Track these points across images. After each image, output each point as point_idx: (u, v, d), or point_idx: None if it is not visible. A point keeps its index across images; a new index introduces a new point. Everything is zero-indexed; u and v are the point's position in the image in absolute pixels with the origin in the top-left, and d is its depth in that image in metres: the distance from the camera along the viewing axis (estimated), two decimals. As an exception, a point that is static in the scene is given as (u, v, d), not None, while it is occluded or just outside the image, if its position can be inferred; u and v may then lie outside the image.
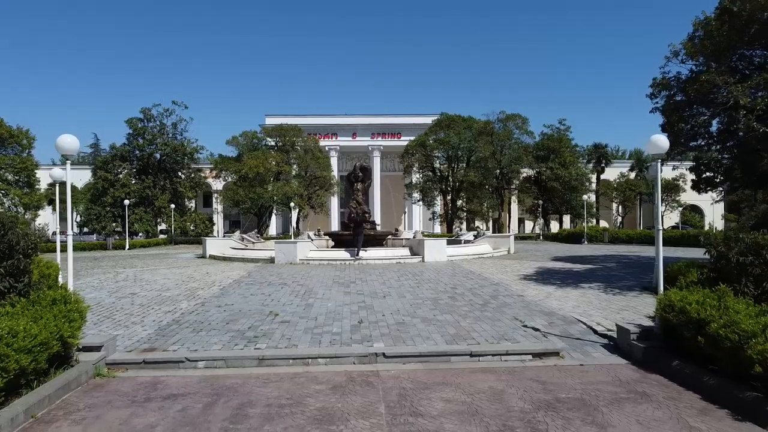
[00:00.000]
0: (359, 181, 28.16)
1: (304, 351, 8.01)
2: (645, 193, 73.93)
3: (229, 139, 51.58)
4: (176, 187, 49.37)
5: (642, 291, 13.56)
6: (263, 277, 17.03)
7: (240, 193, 47.19)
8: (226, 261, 23.87)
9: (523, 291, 13.61)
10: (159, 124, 49.39)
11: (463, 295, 13.03)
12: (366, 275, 17.37)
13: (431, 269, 19.08)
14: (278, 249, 22.07)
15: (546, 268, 19.21)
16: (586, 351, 8.22)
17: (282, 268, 19.92)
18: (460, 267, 19.79)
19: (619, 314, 10.55)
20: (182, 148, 49.50)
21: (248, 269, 19.81)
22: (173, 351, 8.06)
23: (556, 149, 49.39)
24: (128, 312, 11.30)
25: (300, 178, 53.13)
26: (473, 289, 13.90)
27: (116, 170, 47.79)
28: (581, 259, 23.38)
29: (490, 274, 17.30)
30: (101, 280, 17.15)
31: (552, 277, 16.63)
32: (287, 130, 51.92)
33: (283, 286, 14.92)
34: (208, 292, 13.99)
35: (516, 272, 17.91)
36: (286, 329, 9.44)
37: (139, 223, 46.34)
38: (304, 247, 22.63)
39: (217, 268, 20.31)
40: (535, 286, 14.65)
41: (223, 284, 15.49)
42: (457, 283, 15.09)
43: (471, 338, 8.71)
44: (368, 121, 70.13)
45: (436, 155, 53.21)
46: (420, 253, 22.45)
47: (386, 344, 8.36)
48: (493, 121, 50.04)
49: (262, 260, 22.67)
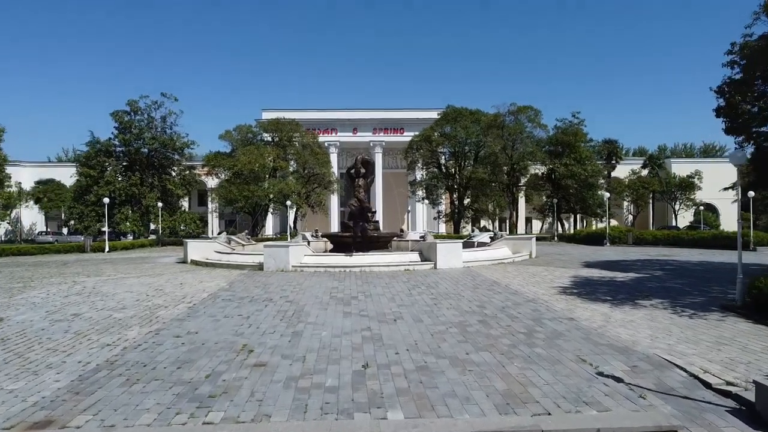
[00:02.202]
0: (361, 176, 25.27)
1: (280, 428, 5.13)
2: (658, 192, 71.01)
3: (222, 134, 48.62)
4: (165, 184, 46.34)
5: (723, 312, 10.68)
6: (246, 290, 14.17)
7: (233, 190, 44.27)
8: (209, 267, 21.01)
9: (570, 312, 10.73)
10: (147, 118, 46.42)
11: (496, 317, 10.16)
12: (370, 287, 14.51)
13: (447, 279, 16.21)
14: (268, 254, 19.19)
15: (583, 278, 16.32)
16: (713, 426, 5.32)
17: (271, 277, 17.05)
18: (481, 276, 16.92)
19: (720, 351, 7.69)
20: (171, 143, 46.39)
21: (231, 278, 16.94)
22: (74, 431, 5.17)
23: (571, 144, 46.36)
24: (52, 346, 8.42)
25: (297, 175, 50.21)
26: (506, 309, 11.03)
27: (101, 166, 44.81)
28: (617, 265, 20.47)
29: (519, 286, 14.42)
30: (50, 293, 14.25)
31: (597, 290, 13.74)
32: (284, 124, 48.94)
33: (268, 303, 12.06)
34: (172, 312, 11.12)
35: (549, 283, 15.03)
36: (259, 379, 6.58)
37: (125, 223, 43.37)
38: (297, 251, 19.74)
39: (195, 278, 17.44)
40: (582, 303, 11.77)
41: (194, 300, 12.63)
42: (484, 299, 12.22)
43: (531, 399, 5.85)
44: (370, 115, 67.13)
45: (442, 151, 50.28)
46: (431, 258, 19.57)
47: (407, 412, 5.50)
48: (504, 114, 47.03)
49: (250, 267, 19.80)
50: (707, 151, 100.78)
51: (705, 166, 73.42)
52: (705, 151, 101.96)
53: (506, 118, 46.66)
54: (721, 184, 74.88)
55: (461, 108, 48.58)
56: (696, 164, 74.69)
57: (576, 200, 47.73)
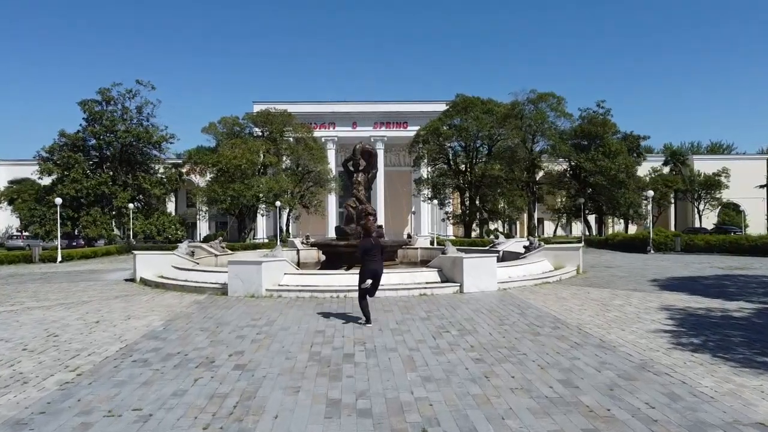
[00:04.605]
0: (360, 170, 20.31)
1: None
2: (681, 191, 66.04)
3: (206, 127, 43.46)
4: (141, 183, 41.28)
5: None
6: (184, 338, 9.16)
7: (216, 189, 39.24)
8: (159, 289, 16.00)
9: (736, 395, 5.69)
10: (121, 108, 41.41)
11: (613, 420, 5.10)
12: (373, 330, 9.53)
13: (484, 312, 11.21)
14: (233, 274, 14.18)
15: (680, 311, 11.22)
16: None
17: (232, 309, 12.04)
18: (530, 306, 11.91)
19: None
20: (147, 136, 41.33)
21: (175, 311, 11.93)
22: None
23: (600, 135, 41.23)
24: None
25: (291, 172, 45.15)
26: (616, 388, 5.95)
27: (66, 162, 39.75)
28: (703, 286, 15.29)
29: (599, 329, 9.37)
30: None
31: (729, 340, 8.57)
32: (275, 116, 43.86)
33: (204, 372, 7.05)
34: (29, 394, 6.10)
35: (639, 323, 9.96)
36: None
37: (92, 227, 38.33)
38: (274, 269, 14.68)
39: (126, 309, 12.42)
40: (737, 374, 6.68)
41: (89, 362, 7.60)
42: (562, 362, 7.16)
43: None
44: (370, 108, 62.03)
45: (451, 145, 45.22)
46: (455, 278, 14.58)
47: None
48: (522, 102, 41.92)
49: (212, 290, 14.80)
50: (714, 150, 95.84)
51: (729, 163, 68.69)
52: (712, 150, 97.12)
53: (525, 107, 41.59)
54: (746, 183, 69.96)
55: (472, 97, 43.43)
56: (721, 161, 69.86)
57: (605, 200, 42.52)
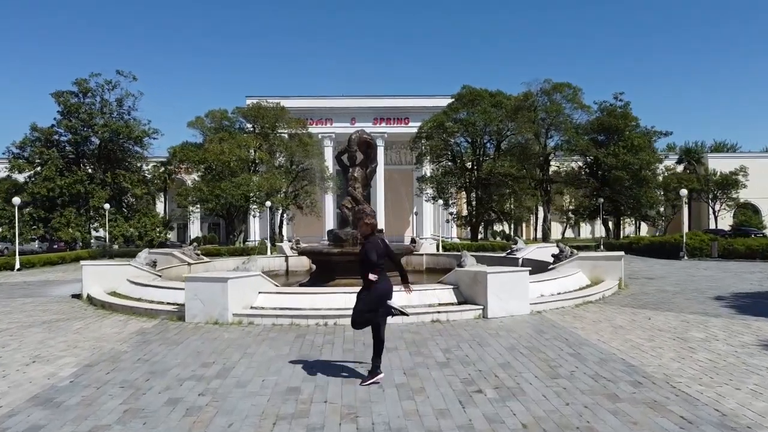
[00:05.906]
0: (357, 164, 17.20)
1: None
2: (696, 190, 62.87)
3: (192, 121, 40.30)
4: (120, 182, 38.12)
5: None
6: (91, 403, 5.96)
7: (202, 188, 36.15)
8: (103, 310, 12.86)
9: None
10: (100, 101, 38.31)
11: None
12: (369, 392, 6.39)
13: (524, 353, 8.07)
14: (191, 292, 11.03)
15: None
16: None
17: (180, 347, 8.89)
18: (582, 342, 8.77)
19: None
20: (127, 131, 38.14)
21: (103, 350, 8.78)
22: None
23: (620, 129, 38.10)
24: None
25: (284, 170, 42.04)
26: None
27: (38, 159, 36.63)
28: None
29: (698, 386, 6.16)
30: None
31: None
32: (266, 110, 40.72)
33: None
34: None
35: (752, 371, 6.82)
36: None
37: (65, 230, 35.22)
38: (244, 287, 11.51)
39: (38, 346, 9.25)
40: None
41: None
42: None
43: None
44: (369, 103, 58.83)
45: (456, 141, 42.10)
46: (476, 297, 11.46)
47: None
48: (535, 93, 38.79)
49: (166, 312, 11.66)
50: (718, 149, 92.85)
51: (746, 162, 65.69)
52: (716, 149, 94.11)
53: (538, 99, 38.47)
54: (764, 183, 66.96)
55: (480, 89, 40.27)
56: (738, 160, 66.83)
57: (627, 198, 39.31)
